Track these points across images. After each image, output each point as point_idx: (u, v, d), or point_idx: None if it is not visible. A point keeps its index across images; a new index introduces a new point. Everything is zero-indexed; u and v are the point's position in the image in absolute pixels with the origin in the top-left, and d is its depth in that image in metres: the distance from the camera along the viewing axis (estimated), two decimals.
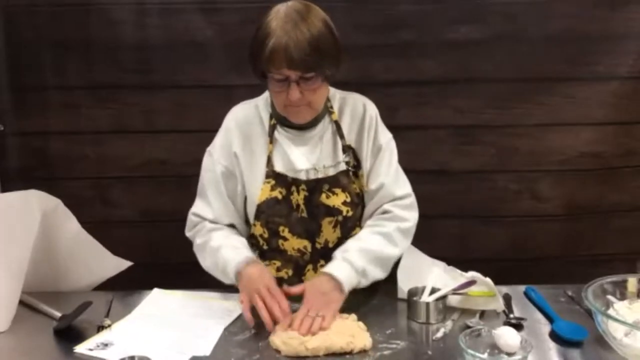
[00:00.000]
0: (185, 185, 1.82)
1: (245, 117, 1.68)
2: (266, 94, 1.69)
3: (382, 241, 1.61)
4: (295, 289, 1.54)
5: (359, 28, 2.10)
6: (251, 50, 1.55)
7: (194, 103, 2.19)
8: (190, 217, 1.72)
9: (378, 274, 1.61)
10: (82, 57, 2.15)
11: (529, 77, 2.19)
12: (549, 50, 2.16)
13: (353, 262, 1.56)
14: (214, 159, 1.66)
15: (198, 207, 1.70)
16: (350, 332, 1.44)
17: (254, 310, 1.50)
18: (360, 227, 1.70)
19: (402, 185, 1.70)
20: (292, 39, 1.46)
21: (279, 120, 1.65)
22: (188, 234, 1.73)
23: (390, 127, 1.75)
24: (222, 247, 1.61)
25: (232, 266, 1.56)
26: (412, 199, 1.71)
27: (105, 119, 2.20)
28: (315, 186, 1.64)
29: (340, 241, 1.67)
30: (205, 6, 2.12)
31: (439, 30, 2.14)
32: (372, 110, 1.70)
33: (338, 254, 1.59)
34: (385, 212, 1.67)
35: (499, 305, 1.56)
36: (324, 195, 1.64)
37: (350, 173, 1.66)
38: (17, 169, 2.22)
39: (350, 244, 1.61)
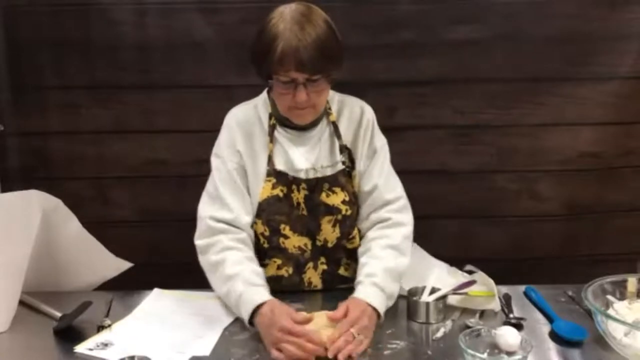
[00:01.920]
0: (185, 185, 1.82)
1: (245, 117, 1.68)
2: (264, 95, 1.70)
3: (397, 256, 1.61)
4: (339, 312, 1.46)
5: (359, 28, 2.10)
6: (256, 52, 1.55)
7: (194, 103, 2.18)
8: (207, 222, 1.61)
9: (397, 290, 1.60)
10: (82, 57, 2.14)
11: (529, 77, 2.19)
12: (549, 50, 2.16)
13: (384, 288, 1.54)
14: (224, 158, 1.65)
15: (214, 211, 1.62)
16: None
17: None
18: (358, 228, 1.71)
19: (394, 188, 1.70)
20: (302, 42, 1.47)
21: (279, 120, 1.66)
22: (198, 241, 1.63)
23: (390, 127, 1.75)
24: (235, 279, 1.53)
25: (245, 310, 1.49)
26: (404, 201, 1.71)
27: (105, 119, 2.19)
28: (315, 185, 1.64)
29: (339, 241, 1.67)
30: (205, 6, 2.12)
31: (438, 30, 2.13)
32: (370, 113, 1.71)
33: (366, 279, 1.55)
34: (382, 220, 1.67)
35: (496, 304, 1.56)
36: (324, 194, 1.64)
37: (346, 172, 1.67)
38: (17, 169, 2.22)
39: (374, 266, 1.57)
